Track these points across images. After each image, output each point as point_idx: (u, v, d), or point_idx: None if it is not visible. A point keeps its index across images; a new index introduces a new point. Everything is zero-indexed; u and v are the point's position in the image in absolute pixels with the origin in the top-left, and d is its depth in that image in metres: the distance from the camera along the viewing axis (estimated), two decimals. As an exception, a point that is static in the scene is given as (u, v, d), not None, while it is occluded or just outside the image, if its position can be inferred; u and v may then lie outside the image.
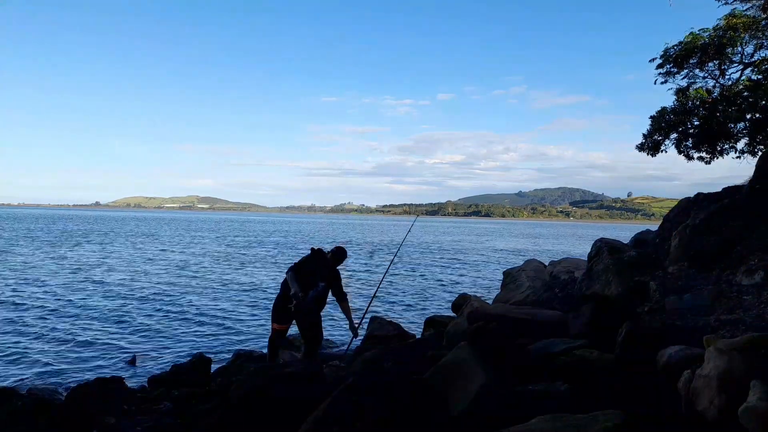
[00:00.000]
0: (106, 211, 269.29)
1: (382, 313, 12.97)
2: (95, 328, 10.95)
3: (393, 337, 8.43)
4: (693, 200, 8.36)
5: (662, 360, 4.00)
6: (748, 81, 8.07)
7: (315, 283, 6.12)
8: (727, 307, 5.16)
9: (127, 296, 15.01)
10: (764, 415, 2.67)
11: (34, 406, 5.23)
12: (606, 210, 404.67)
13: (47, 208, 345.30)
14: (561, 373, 4.18)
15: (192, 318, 12.33)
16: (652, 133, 8.79)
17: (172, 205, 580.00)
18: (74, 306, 13.28)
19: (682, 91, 8.56)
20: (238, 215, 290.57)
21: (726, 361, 3.14)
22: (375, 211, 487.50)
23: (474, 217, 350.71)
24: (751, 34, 7.88)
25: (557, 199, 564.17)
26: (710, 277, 6.00)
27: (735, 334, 4.29)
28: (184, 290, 16.47)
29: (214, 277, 20.24)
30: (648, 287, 6.17)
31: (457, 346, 4.61)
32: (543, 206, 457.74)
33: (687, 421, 3.19)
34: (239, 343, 9.92)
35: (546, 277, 9.42)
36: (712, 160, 8.67)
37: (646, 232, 9.35)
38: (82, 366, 8.42)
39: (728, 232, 6.53)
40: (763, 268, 5.46)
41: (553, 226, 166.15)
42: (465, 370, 4.01)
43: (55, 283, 17.09)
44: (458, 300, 9.50)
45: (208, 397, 5.62)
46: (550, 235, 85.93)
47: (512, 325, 5.59)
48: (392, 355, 6.05)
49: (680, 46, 8.24)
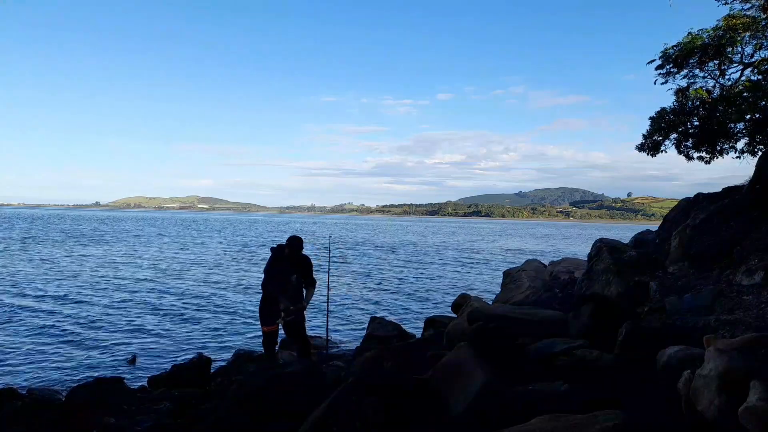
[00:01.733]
0: (106, 211, 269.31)
1: (382, 313, 12.97)
2: (95, 328, 10.96)
3: (393, 337, 8.44)
4: (693, 200, 8.36)
5: (662, 360, 4.00)
6: (748, 81, 8.06)
7: (289, 279, 6.21)
8: (727, 307, 5.16)
9: (127, 296, 15.02)
10: (764, 415, 2.67)
11: (34, 406, 5.23)
12: (606, 210, 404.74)
13: (47, 208, 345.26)
14: (561, 373, 4.17)
15: (192, 318, 12.33)
16: (651, 134, 8.79)
17: (172, 205, 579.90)
18: (74, 306, 13.28)
19: (681, 91, 8.55)
20: (239, 215, 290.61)
21: (726, 361, 3.13)
22: (375, 211, 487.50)
23: (474, 218, 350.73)
24: (750, 34, 7.88)
25: (557, 199, 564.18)
26: (710, 277, 6.00)
27: (735, 334, 4.28)
28: (184, 290, 16.48)
29: (215, 277, 20.25)
30: (648, 287, 6.16)
31: (457, 346, 4.61)
32: (543, 206, 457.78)
33: (687, 421, 3.19)
34: (239, 343, 9.93)
35: (546, 277, 9.43)
36: (711, 160, 8.67)
37: (646, 232, 9.35)
38: (82, 366, 8.43)
39: (728, 232, 6.53)
40: (763, 268, 5.46)
41: (554, 227, 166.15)
42: (465, 370, 4.01)
43: (55, 283, 17.09)
44: (458, 300, 9.50)
45: (208, 397, 5.63)
46: (550, 235, 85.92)
47: (512, 325, 5.59)
48: (392, 355, 6.04)
49: (680, 46, 8.24)
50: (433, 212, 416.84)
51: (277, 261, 6.34)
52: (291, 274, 6.25)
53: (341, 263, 27.26)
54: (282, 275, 6.23)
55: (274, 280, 6.26)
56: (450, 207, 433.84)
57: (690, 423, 3.15)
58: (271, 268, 6.35)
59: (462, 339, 5.18)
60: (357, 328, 11.42)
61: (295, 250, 6.30)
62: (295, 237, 6.43)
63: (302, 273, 6.35)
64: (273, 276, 6.29)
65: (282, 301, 6.10)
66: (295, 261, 6.32)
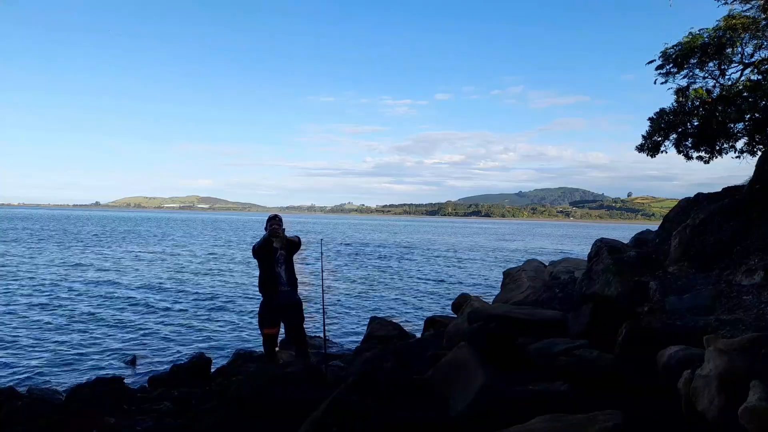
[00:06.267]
0: (106, 211, 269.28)
1: (382, 313, 12.98)
2: (95, 328, 10.96)
3: (393, 337, 8.43)
4: (693, 200, 8.36)
5: (662, 360, 4.00)
6: (748, 81, 8.07)
7: (277, 259, 6.14)
8: (727, 307, 5.16)
9: (127, 296, 15.01)
10: (764, 415, 2.67)
11: (34, 406, 5.23)
12: (606, 210, 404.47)
13: (47, 208, 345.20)
14: (561, 373, 4.17)
15: (192, 318, 12.33)
16: (651, 134, 8.79)
17: (172, 205, 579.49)
18: (74, 306, 13.28)
19: (681, 91, 8.56)
20: (239, 215, 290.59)
21: (726, 361, 3.14)
22: (375, 211, 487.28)
23: (474, 218, 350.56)
24: (750, 34, 7.88)
25: (557, 199, 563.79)
26: (710, 277, 6.00)
27: (735, 334, 4.28)
28: (185, 290, 16.47)
29: (215, 277, 20.25)
30: (648, 287, 6.16)
31: (457, 346, 4.61)
32: (543, 206, 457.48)
33: (687, 421, 3.19)
34: (239, 343, 9.92)
35: (546, 277, 9.42)
36: (711, 159, 8.68)
37: (646, 232, 9.35)
38: (82, 366, 8.43)
39: (728, 232, 6.53)
40: (763, 268, 5.46)
41: (554, 226, 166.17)
42: (465, 370, 4.01)
43: (55, 283, 17.09)
44: (458, 300, 9.51)
45: (208, 397, 5.62)
46: (550, 235, 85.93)
47: (512, 325, 5.59)
48: (392, 355, 6.04)
49: (680, 46, 8.25)
50: (433, 212, 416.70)
51: (262, 246, 6.19)
52: (280, 251, 6.15)
53: (341, 263, 27.26)
54: (271, 254, 6.10)
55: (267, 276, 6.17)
56: (450, 207, 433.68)
57: (690, 423, 3.15)
58: (260, 252, 6.19)
59: (462, 339, 5.18)
60: (357, 328, 11.42)
61: (274, 226, 6.14)
62: (271, 215, 6.34)
63: (290, 249, 6.24)
64: (265, 259, 6.15)
65: (281, 286, 6.02)
66: (282, 240, 6.18)
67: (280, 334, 6.40)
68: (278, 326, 6.26)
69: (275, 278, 6.09)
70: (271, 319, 6.18)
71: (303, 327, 6.39)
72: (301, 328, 6.32)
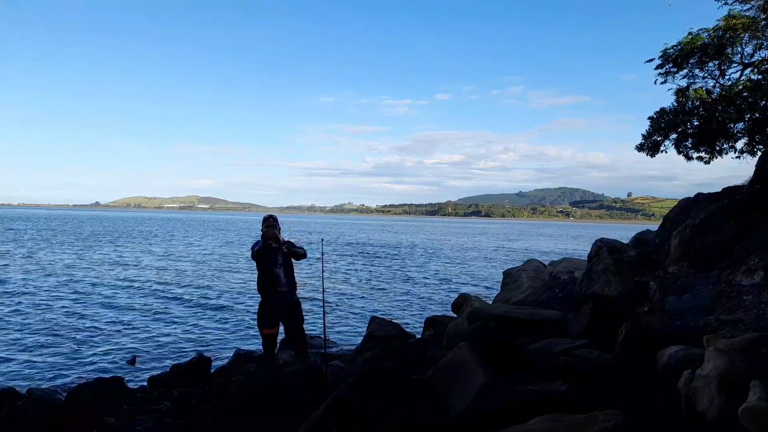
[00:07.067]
0: (106, 211, 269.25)
1: (382, 313, 12.97)
2: (95, 328, 10.96)
3: (393, 337, 8.42)
4: (693, 200, 8.36)
5: (662, 360, 4.00)
6: (748, 81, 8.07)
7: (276, 260, 6.13)
8: (727, 307, 5.16)
9: (127, 296, 15.02)
10: (764, 415, 2.67)
11: (34, 406, 5.23)
12: (606, 210, 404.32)
13: (47, 208, 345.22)
14: (561, 373, 4.17)
15: (192, 318, 12.34)
16: (651, 134, 8.79)
17: (172, 205, 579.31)
18: (75, 306, 13.29)
19: (681, 91, 8.56)
20: (240, 215, 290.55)
21: (726, 361, 3.13)
22: (375, 211, 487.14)
23: (474, 218, 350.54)
24: (750, 35, 7.88)
25: (557, 199, 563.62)
26: (710, 277, 6.00)
27: (735, 334, 4.28)
28: (185, 290, 16.48)
29: (215, 277, 20.25)
30: (648, 287, 6.16)
31: (457, 346, 4.61)
32: (543, 206, 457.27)
33: (687, 421, 3.19)
34: (239, 343, 9.92)
35: (546, 277, 9.42)
36: (711, 160, 8.67)
37: (646, 232, 9.35)
38: (82, 366, 8.43)
39: (728, 232, 6.53)
40: (763, 268, 5.46)
41: (554, 226, 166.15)
42: (465, 370, 4.01)
43: (55, 283, 17.09)
44: (458, 300, 9.50)
45: (208, 397, 5.62)
46: (550, 235, 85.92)
47: (512, 325, 5.59)
48: (392, 355, 6.04)
49: (679, 46, 8.25)
50: (433, 212, 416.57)
51: (261, 250, 6.19)
52: (278, 255, 6.15)
53: (342, 263, 27.26)
54: (270, 258, 6.10)
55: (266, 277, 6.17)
56: (450, 207, 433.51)
57: (690, 423, 3.15)
58: (259, 256, 6.21)
59: (462, 339, 5.18)
60: (357, 328, 11.42)
61: (268, 227, 6.13)
62: (265, 216, 6.34)
63: (289, 252, 6.23)
64: (264, 262, 6.17)
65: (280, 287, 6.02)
66: (280, 242, 6.17)
67: (279, 334, 6.40)
68: (277, 326, 6.26)
69: (274, 279, 6.09)
70: (270, 319, 6.18)
71: (302, 327, 6.38)
72: (300, 329, 6.32)
